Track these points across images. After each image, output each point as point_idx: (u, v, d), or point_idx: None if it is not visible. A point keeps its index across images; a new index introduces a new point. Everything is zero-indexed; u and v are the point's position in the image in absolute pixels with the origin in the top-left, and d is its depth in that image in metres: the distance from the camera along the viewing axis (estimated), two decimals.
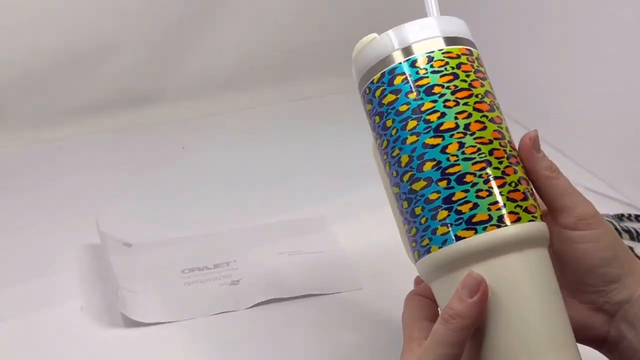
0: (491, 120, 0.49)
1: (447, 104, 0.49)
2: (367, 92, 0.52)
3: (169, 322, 0.73)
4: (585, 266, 0.51)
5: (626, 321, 0.51)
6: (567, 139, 1.06)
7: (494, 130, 0.49)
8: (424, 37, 0.51)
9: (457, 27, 0.52)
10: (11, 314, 0.75)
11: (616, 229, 0.84)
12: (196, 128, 1.21)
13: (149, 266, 0.82)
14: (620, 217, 0.89)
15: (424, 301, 0.52)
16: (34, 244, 0.87)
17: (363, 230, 0.87)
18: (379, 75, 0.51)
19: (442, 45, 0.50)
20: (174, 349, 0.70)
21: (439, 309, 0.50)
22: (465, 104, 0.49)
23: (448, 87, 0.49)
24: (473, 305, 0.46)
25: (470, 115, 0.49)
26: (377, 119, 0.51)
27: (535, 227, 0.48)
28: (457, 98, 0.49)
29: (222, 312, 0.75)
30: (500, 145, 0.49)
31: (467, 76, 0.50)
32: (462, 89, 0.49)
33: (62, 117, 1.18)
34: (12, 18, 1.12)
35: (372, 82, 0.52)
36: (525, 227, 0.47)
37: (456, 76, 0.50)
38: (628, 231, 0.85)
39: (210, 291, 0.78)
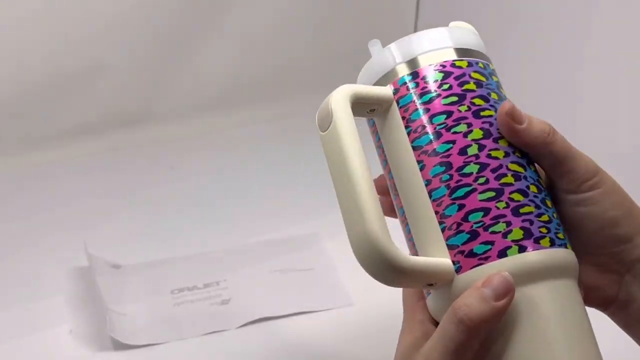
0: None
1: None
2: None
3: (158, 344, 0.73)
4: (591, 229, 0.46)
5: (638, 282, 0.47)
6: None
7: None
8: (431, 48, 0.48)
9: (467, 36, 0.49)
10: None
11: None
12: (185, 148, 1.21)
13: (138, 288, 0.81)
14: None
15: None
16: (22, 268, 0.87)
17: None
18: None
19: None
20: None
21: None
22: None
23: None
24: (498, 310, 0.40)
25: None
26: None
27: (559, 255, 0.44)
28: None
29: (213, 332, 0.74)
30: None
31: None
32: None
33: (49, 141, 1.18)
34: None
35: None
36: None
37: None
38: None
39: (201, 311, 0.77)
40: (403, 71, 0.48)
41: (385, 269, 0.43)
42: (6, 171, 1.12)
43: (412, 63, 0.48)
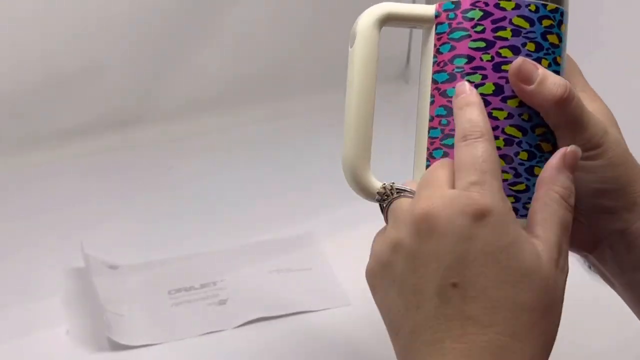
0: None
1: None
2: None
3: (156, 344, 0.73)
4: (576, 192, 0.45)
5: (614, 251, 0.47)
6: None
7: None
8: None
9: None
10: None
11: None
12: (183, 148, 1.21)
13: (135, 288, 0.81)
14: None
15: None
16: (19, 268, 0.87)
17: (350, 245, 0.86)
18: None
19: None
20: None
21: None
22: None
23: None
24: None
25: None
26: None
27: None
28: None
29: (210, 332, 0.74)
30: None
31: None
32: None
33: (49, 141, 1.18)
34: None
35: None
36: None
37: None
38: None
39: (198, 311, 0.77)
40: None
41: (358, 189, 0.48)
42: (6, 171, 1.12)
43: None
